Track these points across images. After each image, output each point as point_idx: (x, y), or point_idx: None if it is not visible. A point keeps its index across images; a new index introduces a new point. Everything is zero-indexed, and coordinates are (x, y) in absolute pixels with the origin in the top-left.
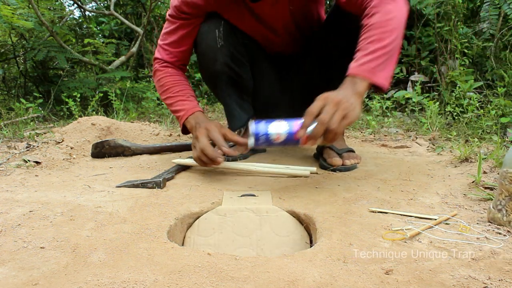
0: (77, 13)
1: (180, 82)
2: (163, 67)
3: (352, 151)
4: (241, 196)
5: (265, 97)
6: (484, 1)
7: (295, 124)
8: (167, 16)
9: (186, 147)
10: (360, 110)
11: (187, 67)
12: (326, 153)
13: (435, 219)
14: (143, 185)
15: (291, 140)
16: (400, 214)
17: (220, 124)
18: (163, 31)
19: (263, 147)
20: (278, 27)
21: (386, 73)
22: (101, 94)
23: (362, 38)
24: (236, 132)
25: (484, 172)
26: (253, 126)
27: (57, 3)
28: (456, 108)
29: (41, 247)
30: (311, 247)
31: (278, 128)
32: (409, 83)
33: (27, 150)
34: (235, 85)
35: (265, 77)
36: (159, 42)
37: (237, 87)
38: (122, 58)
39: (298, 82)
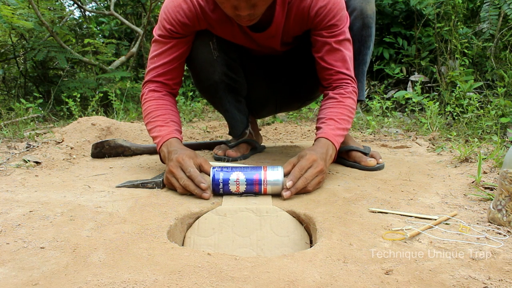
0: (77, 13)
1: (163, 107)
2: (150, 91)
3: (369, 147)
4: (241, 196)
5: (255, 96)
6: (484, 1)
7: (255, 175)
8: (156, 37)
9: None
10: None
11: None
12: (354, 156)
13: (435, 219)
14: (143, 185)
15: (250, 191)
16: (400, 214)
17: (195, 153)
18: (152, 54)
19: (223, 194)
20: (269, 48)
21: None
22: (101, 94)
23: (337, 110)
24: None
25: (484, 172)
26: (213, 174)
27: (57, 3)
28: (456, 108)
29: (41, 247)
30: (311, 247)
31: (238, 176)
32: (409, 83)
33: (27, 150)
34: (232, 90)
35: (254, 78)
36: (150, 65)
37: (234, 92)
38: (122, 58)
39: (285, 81)
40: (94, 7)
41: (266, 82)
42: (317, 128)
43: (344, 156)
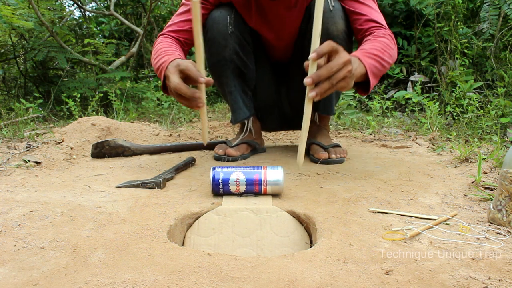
0: (77, 13)
1: (173, 46)
2: (164, 38)
3: (338, 146)
4: (241, 196)
5: (263, 97)
6: (484, 1)
7: (255, 175)
8: (182, 1)
9: (186, 147)
10: (351, 86)
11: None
12: (312, 149)
13: (435, 219)
14: (143, 185)
15: (250, 191)
16: (400, 214)
17: (178, 62)
18: (174, 15)
19: (223, 194)
20: (284, 33)
21: (375, 81)
22: (101, 94)
23: (368, 44)
24: (239, 126)
25: (484, 172)
26: (212, 174)
27: (57, 3)
28: (456, 108)
29: (41, 247)
30: (311, 247)
31: (238, 176)
32: (409, 83)
33: (27, 150)
34: (240, 76)
35: (264, 78)
36: (169, 22)
37: (242, 79)
38: (122, 58)
39: (292, 90)
40: (94, 7)
41: (274, 86)
42: None
43: (308, 149)
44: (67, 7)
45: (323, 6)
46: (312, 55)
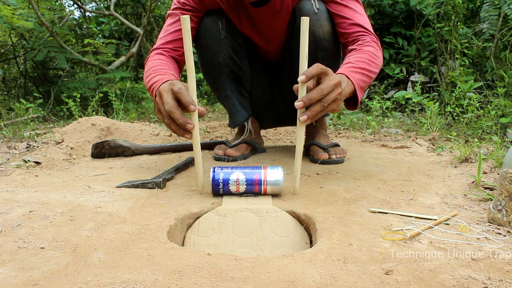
0: (77, 14)
1: (166, 64)
2: (156, 54)
3: (337, 145)
4: (241, 196)
5: (258, 97)
6: (484, 1)
7: (255, 175)
8: (169, 11)
9: (186, 147)
10: (341, 108)
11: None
12: (312, 150)
13: (435, 220)
14: (143, 185)
15: (250, 191)
16: (400, 214)
17: (172, 83)
18: (164, 27)
19: (222, 194)
20: (273, 38)
21: (361, 95)
22: (101, 95)
23: (355, 55)
24: (238, 128)
25: (484, 172)
26: (212, 174)
27: (57, 3)
28: (456, 109)
29: (41, 247)
30: (311, 247)
31: (238, 176)
32: (409, 84)
33: (27, 150)
34: (236, 79)
35: (258, 78)
36: (159, 35)
37: (238, 82)
38: (122, 59)
39: (287, 88)
40: (94, 7)
41: (268, 86)
42: None
43: (307, 150)
44: (67, 7)
45: (308, 27)
46: (301, 78)
